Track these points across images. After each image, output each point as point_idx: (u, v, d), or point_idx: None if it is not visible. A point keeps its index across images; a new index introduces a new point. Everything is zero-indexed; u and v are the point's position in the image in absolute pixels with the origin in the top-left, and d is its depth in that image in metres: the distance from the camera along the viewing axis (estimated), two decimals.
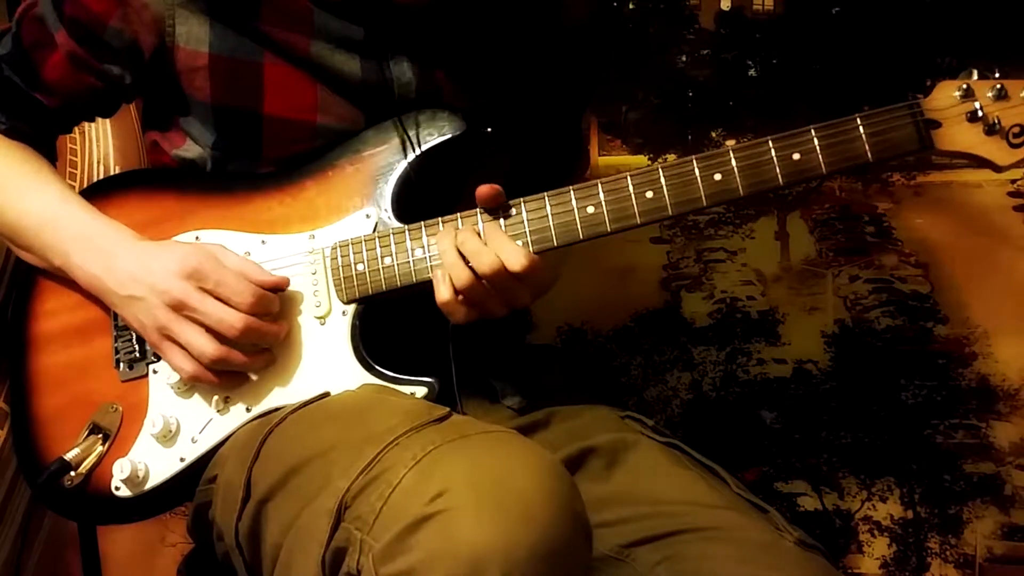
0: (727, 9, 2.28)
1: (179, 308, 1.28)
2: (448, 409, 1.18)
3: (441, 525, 0.97)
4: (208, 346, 1.27)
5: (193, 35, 1.34)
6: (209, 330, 1.28)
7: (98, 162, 2.12)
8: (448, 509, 0.97)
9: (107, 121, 2.15)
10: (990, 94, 1.20)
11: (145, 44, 1.36)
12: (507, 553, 0.95)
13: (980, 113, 1.20)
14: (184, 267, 1.27)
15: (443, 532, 0.97)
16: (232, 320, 1.26)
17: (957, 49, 2.11)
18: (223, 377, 1.31)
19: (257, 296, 1.28)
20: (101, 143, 2.12)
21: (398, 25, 1.35)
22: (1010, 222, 2.21)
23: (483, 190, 1.26)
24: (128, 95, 1.47)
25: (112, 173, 2.02)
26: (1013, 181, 2.20)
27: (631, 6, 2.30)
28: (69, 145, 2.04)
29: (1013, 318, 2.20)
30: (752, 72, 2.28)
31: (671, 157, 2.34)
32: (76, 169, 2.07)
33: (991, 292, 2.21)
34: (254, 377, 1.33)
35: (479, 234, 1.26)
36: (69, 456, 1.34)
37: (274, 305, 1.31)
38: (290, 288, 1.34)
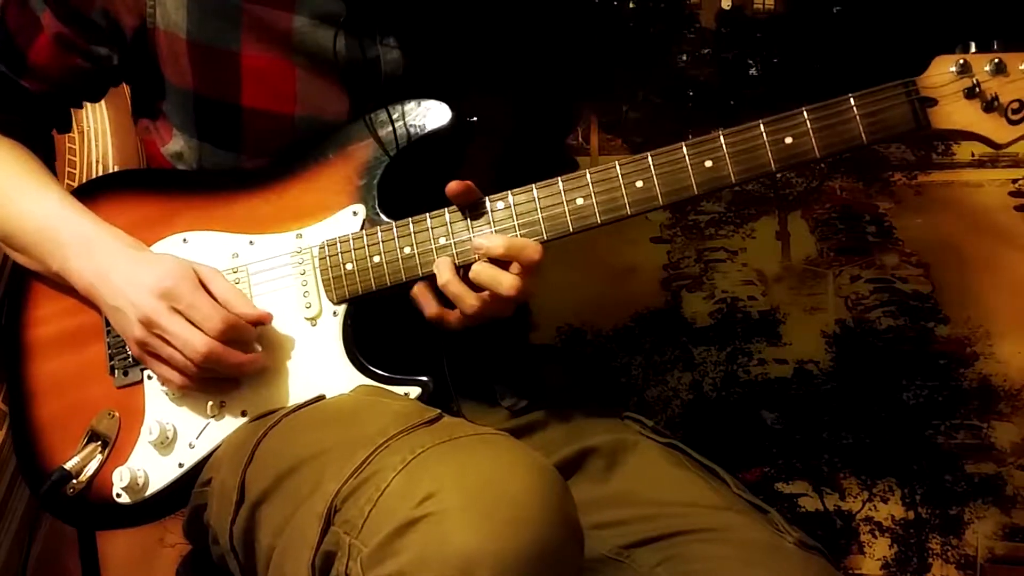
0: (728, 8, 2.27)
1: (149, 326, 1.27)
2: (439, 411, 1.17)
3: (429, 528, 0.97)
4: (186, 362, 1.27)
5: (172, 19, 1.33)
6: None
7: (97, 162, 2.11)
8: (436, 512, 0.97)
9: (106, 120, 2.14)
10: (988, 68, 1.17)
11: (126, 25, 1.35)
12: (496, 556, 0.94)
13: (978, 89, 1.16)
14: (159, 286, 1.27)
15: (431, 535, 0.96)
16: (196, 344, 1.26)
17: (960, 48, 2.10)
18: (216, 382, 1.31)
19: (228, 324, 1.27)
20: (100, 143, 2.11)
21: (383, 1, 1.33)
22: (1012, 222, 2.20)
23: (452, 187, 1.24)
24: (116, 78, 1.46)
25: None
26: (1015, 181, 2.20)
27: (631, 5, 2.29)
28: (68, 145, 2.03)
29: (1015, 318, 2.19)
30: (753, 71, 2.27)
31: None
32: (75, 168, 2.07)
33: (993, 292, 2.20)
34: (248, 381, 1.32)
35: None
36: (69, 465, 1.35)
37: (247, 335, 1.29)
38: (280, 289, 1.33)
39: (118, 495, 1.34)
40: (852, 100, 1.19)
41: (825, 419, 2.27)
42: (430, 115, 1.31)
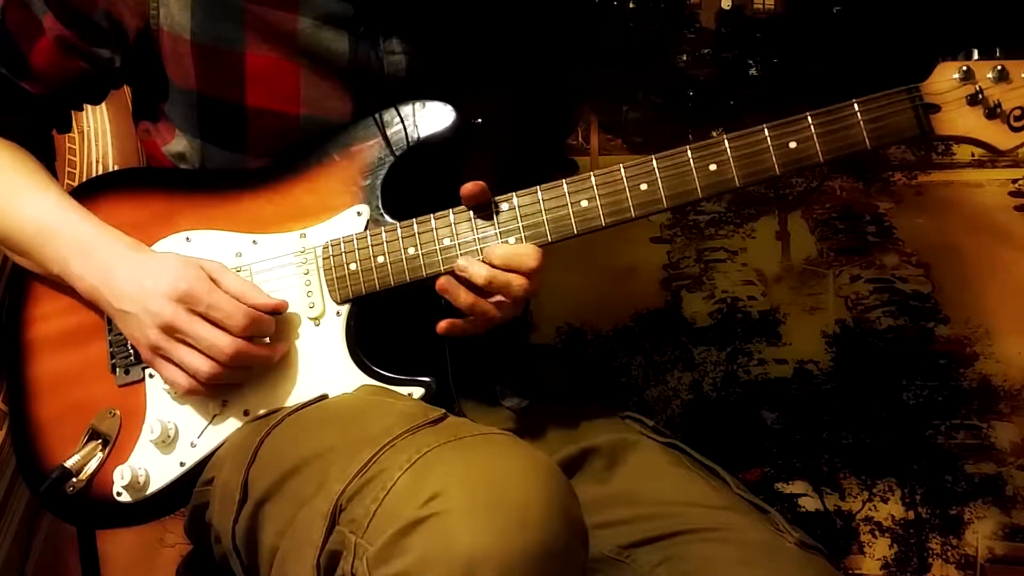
0: (728, 8, 2.27)
1: (170, 331, 1.27)
2: (444, 411, 1.17)
3: (435, 528, 0.97)
4: (202, 364, 1.26)
5: (176, 20, 1.32)
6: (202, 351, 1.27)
7: (97, 162, 2.11)
8: (442, 512, 0.97)
9: (106, 121, 2.14)
10: (990, 75, 1.18)
11: (129, 27, 1.34)
12: (501, 556, 0.95)
13: (980, 96, 1.18)
14: (175, 290, 1.26)
15: (437, 535, 0.96)
16: (223, 345, 1.25)
17: (961, 48, 2.10)
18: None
19: (250, 319, 1.26)
20: (100, 143, 2.11)
21: (388, 3, 1.33)
22: (1012, 222, 2.20)
23: (467, 188, 1.25)
24: (117, 80, 1.45)
25: None
26: (1014, 181, 2.20)
27: (631, 5, 2.29)
28: (68, 145, 2.03)
29: (1014, 318, 2.20)
30: (753, 71, 2.27)
31: None
32: (75, 168, 2.07)
33: (992, 292, 2.20)
34: (251, 381, 1.32)
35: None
36: (69, 463, 1.34)
37: (269, 327, 1.29)
38: (284, 289, 1.33)
39: (119, 493, 1.34)
40: (856, 106, 1.20)
41: (825, 419, 2.27)
42: (434, 116, 1.31)
